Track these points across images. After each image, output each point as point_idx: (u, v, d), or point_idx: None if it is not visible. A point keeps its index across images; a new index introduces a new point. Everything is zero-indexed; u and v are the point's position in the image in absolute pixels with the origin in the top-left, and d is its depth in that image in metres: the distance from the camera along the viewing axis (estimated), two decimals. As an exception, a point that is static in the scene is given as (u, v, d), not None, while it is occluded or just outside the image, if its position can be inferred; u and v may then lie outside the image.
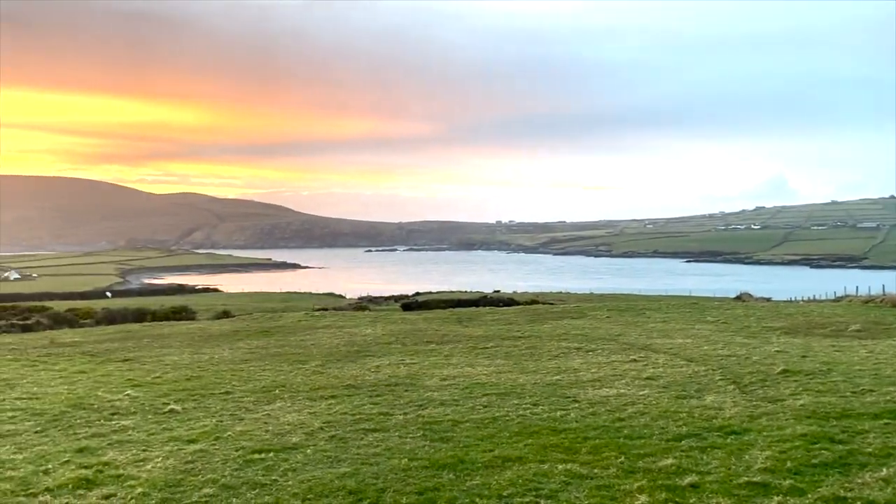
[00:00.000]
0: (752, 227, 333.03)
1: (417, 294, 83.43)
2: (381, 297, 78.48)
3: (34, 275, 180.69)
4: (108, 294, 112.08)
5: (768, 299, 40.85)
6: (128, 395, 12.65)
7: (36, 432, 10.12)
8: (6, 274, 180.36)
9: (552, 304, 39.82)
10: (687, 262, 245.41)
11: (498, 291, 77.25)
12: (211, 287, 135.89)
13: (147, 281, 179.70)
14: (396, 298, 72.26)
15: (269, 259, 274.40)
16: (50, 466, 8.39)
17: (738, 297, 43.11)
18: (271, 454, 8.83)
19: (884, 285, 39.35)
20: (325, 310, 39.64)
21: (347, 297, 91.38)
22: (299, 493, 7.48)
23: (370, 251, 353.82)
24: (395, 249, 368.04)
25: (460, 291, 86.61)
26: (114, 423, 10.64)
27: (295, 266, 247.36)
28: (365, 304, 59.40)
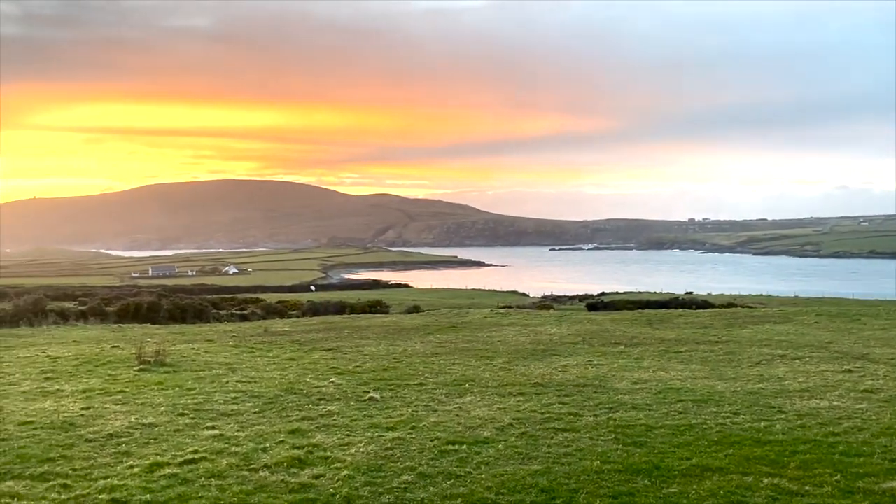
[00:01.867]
0: None
1: (603, 294, 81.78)
2: (565, 297, 77.85)
3: (249, 269, 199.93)
4: (313, 288, 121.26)
5: None
6: (332, 382, 13.56)
7: (255, 413, 11.14)
8: (226, 269, 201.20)
9: (752, 307, 37.29)
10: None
11: (691, 293, 73.79)
12: (402, 283, 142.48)
13: (346, 276, 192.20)
14: (581, 298, 71.30)
15: (455, 257, 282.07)
16: (267, 445, 9.19)
17: (978, 305, 37.74)
18: (464, 446, 9.07)
19: None
20: (510, 307, 40.02)
21: (531, 295, 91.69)
22: (492, 486, 7.62)
23: (554, 250, 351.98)
24: (580, 248, 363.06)
25: (649, 292, 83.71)
26: (321, 407, 11.44)
27: (479, 264, 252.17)
28: (549, 302, 59.22)
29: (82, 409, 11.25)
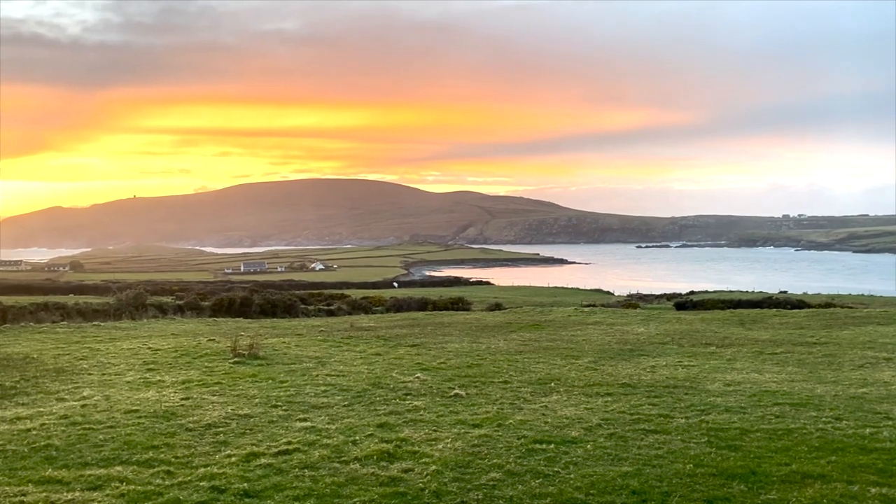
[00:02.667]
0: None
1: (692, 293, 79.44)
2: (652, 295, 76.14)
3: (335, 266, 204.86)
4: (395, 284, 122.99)
5: None
6: (417, 377, 13.71)
7: (344, 406, 11.37)
8: (312, 265, 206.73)
9: (852, 307, 35.46)
10: None
11: (785, 292, 70.84)
12: (483, 280, 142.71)
13: (428, 273, 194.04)
14: (668, 297, 69.50)
15: (537, 254, 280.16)
16: (357, 438, 9.37)
17: None
18: (552, 446, 8.99)
19: None
20: (594, 306, 39.42)
21: (616, 293, 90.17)
22: (582, 486, 7.53)
23: (640, 247, 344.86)
24: (668, 246, 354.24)
25: (740, 291, 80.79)
26: (407, 402, 11.58)
27: (562, 261, 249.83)
28: (635, 301, 58.03)
29: (182, 399, 11.78)
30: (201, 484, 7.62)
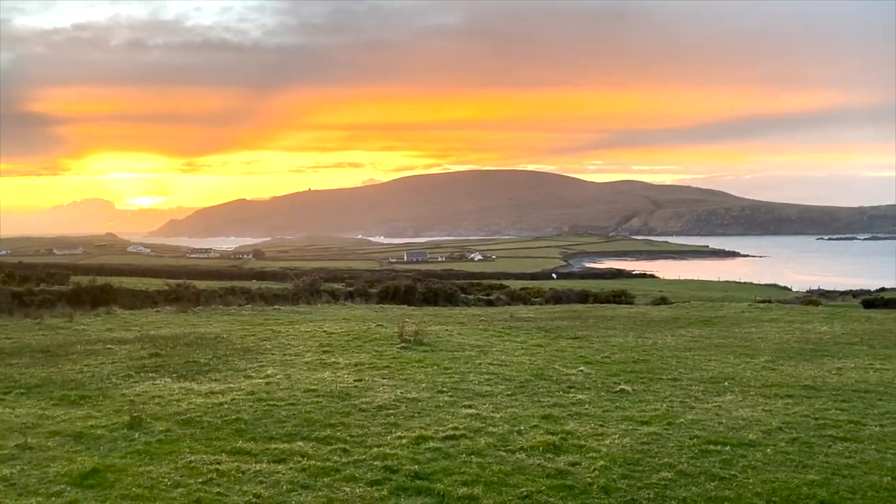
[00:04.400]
0: None
1: (882, 290, 72.38)
2: (836, 292, 70.47)
3: (493, 256, 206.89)
4: (554, 276, 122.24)
5: None
6: (581, 370, 13.50)
7: (508, 395, 11.44)
8: (472, 255, 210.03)
9: None
10: None
11: None
12: (647, 273, 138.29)
13: (587, 265, 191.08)
14: (854, 294, 63.87)
15: (706, 246, 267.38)
16: (521, 428, 9.38)
17: None
18: (727, 448, 8.52)
19: None
20: (769, 302, 36.98)
21: (793, 289, 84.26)
22: (762, 493, 7.07)
23: (822, 239, 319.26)
24: (854, 238, 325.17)
25: (942, 289, 72.45)
26: (571, 395, 11.44)
27: (733, 254, 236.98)
28: (815, 298, 53.87)
29: (355, 380, 12.39)
30: (375, 463, 7.97)
